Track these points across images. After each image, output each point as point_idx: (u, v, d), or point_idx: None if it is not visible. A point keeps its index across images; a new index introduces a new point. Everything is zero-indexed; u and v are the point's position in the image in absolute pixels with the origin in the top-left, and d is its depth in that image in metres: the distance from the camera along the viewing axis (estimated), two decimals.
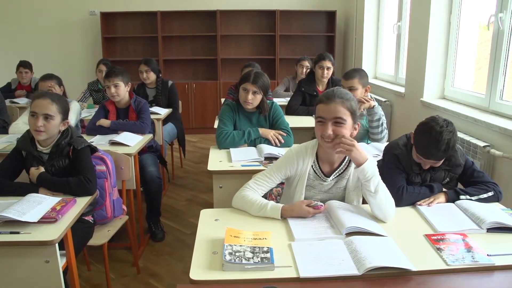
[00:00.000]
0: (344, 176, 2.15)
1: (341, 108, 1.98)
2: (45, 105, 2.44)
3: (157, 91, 4.91)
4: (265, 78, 3.17)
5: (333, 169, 2.15)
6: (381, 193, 1.95)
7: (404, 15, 5.44)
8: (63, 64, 7.52)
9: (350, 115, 2.00)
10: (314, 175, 2.16)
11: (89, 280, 3.12)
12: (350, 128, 2.03)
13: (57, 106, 2.46)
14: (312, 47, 7.50)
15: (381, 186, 1.96)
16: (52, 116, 2.43)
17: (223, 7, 7.43)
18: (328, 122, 1.99)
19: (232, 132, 3.12)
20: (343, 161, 2.14)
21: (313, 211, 1.94)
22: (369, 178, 1.95)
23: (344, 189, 2.16)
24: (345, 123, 1.99)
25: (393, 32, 5.84)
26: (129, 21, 7.69)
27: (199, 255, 1.65)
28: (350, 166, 2.13)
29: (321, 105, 2.03)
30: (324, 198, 2.15)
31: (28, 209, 2.04)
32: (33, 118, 2.43)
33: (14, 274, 1.97)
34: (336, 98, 1.99)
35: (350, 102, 2.01)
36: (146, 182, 3.57)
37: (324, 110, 2.01)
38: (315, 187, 2.17)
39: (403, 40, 5.51)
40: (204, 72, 7.85)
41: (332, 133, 1.98)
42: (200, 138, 7.34)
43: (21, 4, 7.59)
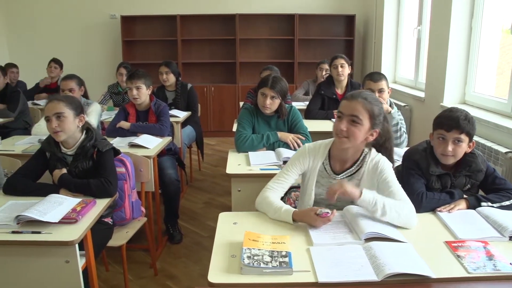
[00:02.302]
0: (356, 176, 2.14)
1: (360, 108, 2.00)
2: (53, 106, 2.49)
3: (176, 94, 4.94)
4: (283, 83, 3.16)
5: (344, 168, 2.15)
6: (392, 213, 1.90)
7: (424, 19, 5.39)
8: (84, 66, 7.60)
9: (368, 118, 2.00)
10: (324, 172, 2.17)
11: (107, 281, 3.15)
12: (366, 132, 2.02)
13: (65, 103, 2.50)
14: (331, 51, 7.40)
15: (388, 206, 1.90)
16: (62, 113, 2.46)
17: (242, 11, 7.45)
18: (345, 118, 2.01)
19: (251, 135, 3.12)
20: (356, 161, 2.14)
21: (321, 220, 1.88)
22: (372, 209, 1.91)
23: None
24: (360, 124, 1.99)
25: (412, 36, 5.79)
26: (149, 25, 7.76)
27: (218, 258, 1.66)
28: (362, 167, 2.12)
29: (344, 101, 2.07)
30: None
31: (49, 209, 2.07)
32: (48, 122, 2.48)
33: (35, 273, 2.00)
34: (359, 97, 2.02)
35: (372, 106, 2.01)
36: (165, 185, 3.59)
37: (345, 105, 2.04)
38: (324, 184, 2.17)
39: (423, 44, 5.46)
40: (223, 76, 7.87)
41: (345, 129, 2.00)
42: (218, 141, 7.36)
43: (44, 8, 7.73)
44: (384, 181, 2.04)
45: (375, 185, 2.07)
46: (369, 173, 2.10)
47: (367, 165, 2.11)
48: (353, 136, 2.01)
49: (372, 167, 2.09)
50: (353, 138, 2.02)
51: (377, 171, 2.07)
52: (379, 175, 2.06)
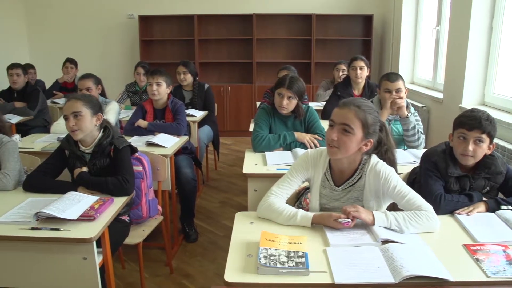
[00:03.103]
0: (357, 187, 2.08)
1: (352, 116, 1.93)
2: (71, 105, 2.51)
3: (193, 94, 4.96)
4: (301, 83, 3.15)
5: (344, 178, 2.10)
6: (410, 227, 1.86)
7: (444, 19, 5.34)
8: (102, 66, 7.70)
9: (360, 127, 1.94)
10: (326, 182, 2.13)
11: (123, 278, 3.18)
12: (358, 142, 1.96)
13: (82, 102, 2.52)
14: (348, 52, 7.40)
15: (404, 223, 1.86)
16: (79, 112, 2.48)
17: (260, 10, 7.45)
18: (336, 127, 1.95)
19: (267, 135, 3.12)
20: (356, 170, 2.08)
21: (341, 227, 1.87)
22: (392, 228, 1.87)
23: (359, 199, 2.08)
24: (352, 133, 1.93)
25: (431, 36, 5.74)
26: (166, 24, 7.81)
27: (234, 258, 1.66)
28: (362, 177, 2.06)
29: (336, 109, 2.00)
30: (338, 206, 2.09)
31: (68, 206, 2.09)
32: (66, 121, 2.50)
33: (53, 269, 2.02)
34: (351, 105, 1.94)
35: (365, 114, 1.94)
36: (181, 184, 3.61)
37: (336, 114, 1.98)
38: (327, 195, 2.13)
39: (441, 45, 5.41)
40: (240, 76, 7.89)
41: (335, 139, 1.93)
42: (234, 141, 7.37)
43: (63, 9, 7.85)
44: (395, 192, 1.97)
45: (380, 194, 2.03)
46: (371, 182, 2.03)
47: (367, 174, 2.04)
48: (344, 146, 1.94)
49: (374, 176, 2.02)
50: (343, 149, 1.95)
51: (381, 181, 2.00)
52: (385, 185, 2.00)
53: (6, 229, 1.98)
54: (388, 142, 2.10)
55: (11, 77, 5.08)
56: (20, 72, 5.11)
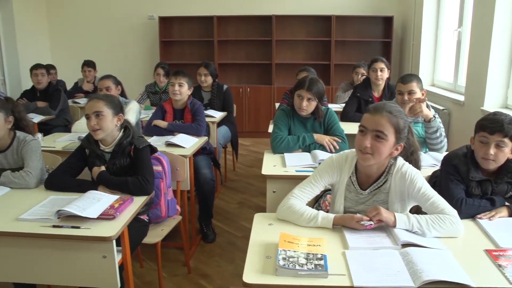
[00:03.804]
0: (383, 190, 2.06)
1: (386, 123, 1.90)
2: (93, 104, 2.54)
3: (212, 95, 4.98)
4: (320, 85, 3.14)
5: (370, 182, 2.08)
6: (432, 231, 1.84)
7: (466, 20, 5.27)
8: (122, 66, 7.78)
9: (393, 133, 1.92)
10: (351, 186, 2.11)
11: (141, 277, 3.20)
12: (391, 147, 1.94)
13: (104, 102, 2.54)
14: (368, 53, 7.33)
15: (426, 226, 1.84)
16: (101, 111, 2.50)
17: (279, 12, 7.45)
18: (369, 133, 1.92)
19: (287, 137, 3.11)
20: (382, 174, 2.06)
21: (363, 228, 1.86)
22: (414, 230, 1.85)
23: (384, 202, 2.05)
24: (385, 139, 1.91)
25: (452, 37, 5.67)
26: (186, 25, 7.86)
27: (253, 259, 1.66)
28: (388, 180, 2.04)
29: (367, 114, 1.97)
30: (362, 209, 2.07)
31: (88, 205, 2.12)
32: (88, 120, 2.53)
33: (73, 266, 2.04)
34: (384, 111, 1.92)
35: (397, 119, 1.92)
36: (200, 184, 3.62)
37: (368, 120, 1.95)
38: (352, 199, 2.11)
39: (463, 46, 5.34)
40: (259, 77, 7.89)
41: (369, 146, 1.91)
42: (253, 142, 7.38)
43: (85, 10, 7.96)
44: (420, 194, 1.95)
45: (405, 196, 2.01)
46: (397, 185, 2.01)
47: (393, 177, 2.02)
48: (378, 152, 1.92)
49: (400, 178, 2.01)
50: (377, 155, 1.93)
51: (407, 182, 1.98)
52: (410, 186, 1.98)
53: (29, 226, 2.01)
54: (414, 144, 2.09)
55: (35, 77, 5.16)
56: (44, 72, 5.20)
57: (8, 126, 2.65)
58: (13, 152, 2.67)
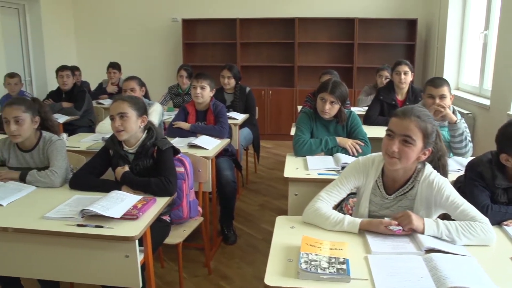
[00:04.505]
0: (408, 196, 2.03)
1: (414, 127, 1.88)
2: (117, 105, 2.56)
3: (234, 97, 4.99)
4: (343, 88, 3.12)
5: (397, 186, 2.05)
6: (462, 238, 1.80)
7: (492, 23, 5.18)
8: (146, 67, 7.86)
9: (421, 138, 1.89)
10: (377, 190, 2.09)
11: (162, 277, 3.22)
12: (418, 152, 1.91)
13: (129, 104, 2.57)
14: (391, 56, 7.24)
15: (456, 234, 1.80)
16: (125, 113, 2.53)
17: (302, 14, 7.44)
18: (396, 138, 1.90)
19: (309, 140, 3.10)
20: (409, 179, 2.03)
21: (391, 233, 1.84)
22: (443, 238, 1.81)
23: (409, 208, 2.02)
24: (413, 144, 1.88)
25: (478, 40, 5.58)
26: (209, 28, 7.91)
27: (274, 261, 1.65)
28: (415, 187, 2.01)
29: (394, 118, 1.94)
30: (387, 214, 2.04)
31: (112, 205, 2.14)
32: (112, 122, 2.56)
33: (96, 265, 2.06)
34: (412, 116, 1.89)
35: (426, 124, 1.90)
36: (222, 186, 3.63)
37: (396, 124, 1.92)
38: (378, 203, 2.09)
39: (489, 49, 5.25)
40: (281, 79, 7.89)
41: (397, 151, 1.89)
42: (274, 144, 7.37)
43: (110, 13, 8.10)
44: (448, 202, 1.92)
45: (431, 204, 1.98)
46: (424, 192, 1.98)
47: (420, 184, 1.99)
48: (405, 157, 1.90)
49: (427, 185, 1.97)
50: (404, 159, 1.91)
51: (434, 190, 1.95)
52: (438, 195, 1.94)
53: (54, 224, 2.05)
54: (441, 149, 2.06)
55: (61, 78, 5.25)
56: (69, 73, 5.28)
57: (35, 126, 2.70)
58: (39, 151, 2.72)
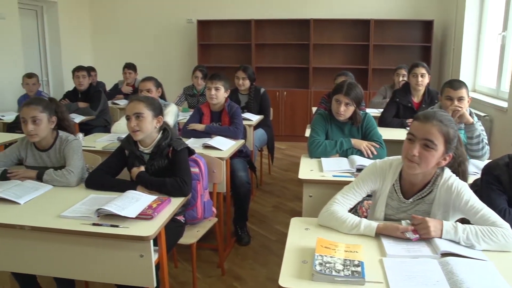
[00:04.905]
0: (426, 200, 2.01)
1: (436, 132, 1.85)
2: (133, 105, 2.58)
3: (249, 98, 5.00)
4: (359, 90, 3.10)
5: (414, 190, 2.03)
6: (482, 243, 1.77)
7: (511, 24, 5.12)
8: (162, 68, 7.90)
9: (443, 143, 1.87)
10: (394, 194, 2.07)
11: (176, 277, 3.23)
12: (439, 157, 1.89)
13: (145, 104, 2.58)
14: (406, 58, 7.18)
15: (475, 239, 1.77)
16: (141, 113, 2.54)
17: (317, 16, 7.42)
18: (417, 141, 1.87)
19: (324, 141, 3.09)
20: (427, 183, 2.00)
21: (407, 238, 1.82)
22: (461, 242, 1.79)
23: (426, 213, 2.00)
24: (434, 149, 1.86)
25: (496, 42, 5.52)
26: (224, 29, 7.93)
27: (289, 263, 1.65)
28: (433, 191, 1.99)
29: (416, 122, 1.92)
30: (404, 218, 2.01)
31: (127, 205, 2.16)
32: (128, 121, 2.58)
33: (111, 264, 2.08)
34: (434, 120, 1.87)
35: (448, 129, 1.87)
36: (236, 186, 3.63)
37: (417, 128, 1.90)
38: (394, 206, 2.07)
39: (507, 51, 5.19)
40: (296, 80, 7.87)
41: (417, 155, 1.86)
42: (288, 145, 7.36)
43: (126, 14, 8.17)
44: (467, 207, 1.88)
45: (449, 209, 1.95)
46: (442, 196, 1.95)
47: (438, 188, 1.97)
48: (425, 162, 1.88)
49: (446, 190, 1.95)
50: (424, 164, 1.88)
51: (453, 194, 1.92)
52: (457, 199, 1.91)
53: (70, 223, 2.07)
54: (462, 154, 2.03)
55: (77, 79, 5.30)
56: (85, 74, 5.33)
57: (52, 126, 2.73)
58: (56, 151, 2.75)
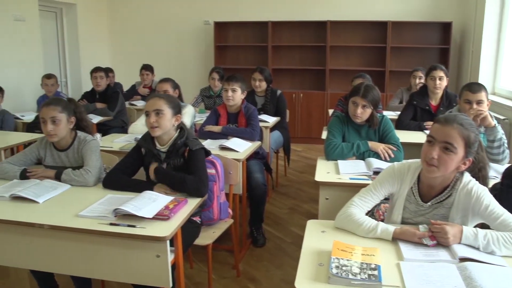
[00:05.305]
0: (445, 204, 1.98)
1: (456, 135, 1.83)
2: (154, 102, 2.60)
3: (265, 100, 4.99)
4: (376, 92, 3.08)
5: (433, 194, 2.00)
6: (505, 249, 1.74)
7: None
8: (178, 69, 7.95)
9: (463, 146, 1.84)
10: (412, 197, 2.05)
11: (191, 277, 3.24)
12: (458, 161, 1.86)
13: (165, 101, 2.61)
14: (424, 60, 7.13)
15: (501, 242, 1.74)
16: (161, 110, 2.56)
17: (334, 17, 7.39)
18: (437, 144, 1.86)
19: (340, 144, 3.07)
20: (446, 187, 1.97)
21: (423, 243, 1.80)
22: (481, 247, 1.76)
23: (444, 217, 1.97)
24: (454, 152, 1.83)
25: None
26: (240, 31, 7.96)
27: (305, 265, 1.65)
28: (452, 195, 1.96)
29: (436, 125, 1.90)
30: (421, 222, 1.99)
31: (144, 205, 2.17)
32: (147, 117, 2.60)
33: (128, 264, 2.09)
34: (455, 123, 1.85)
35: (469, 132, 1.85)
36: (252, 188, 3.63)
37: (437, 130, 1.88)
38: (412, 210, 2.05)
39: None
40: (312, 82, 7.85)
41: (436, 158, 1.84)
42: (304, 147, 7.34)
43: (143, 16, 8.25)
44: (487, 212, 1.86)
45: (468, 213, 1.92)
46: (461, 200, 1.93)
47: (457, 192, 1.94)
48: (444, 165, 1.86)
49: (465, 195, 1.92)
50: (443, 168, 1.86)
51: (473, 199, 1.90)
52: (476, 204, 1.89)
53: (87, 222, 2.09)
54: (483, 160, 2.00)
55: (94, 79, 5.36)
56: (103, 75, 5.39)
57: (70, 126, 2.76)
58: (74, 151, 2.78)
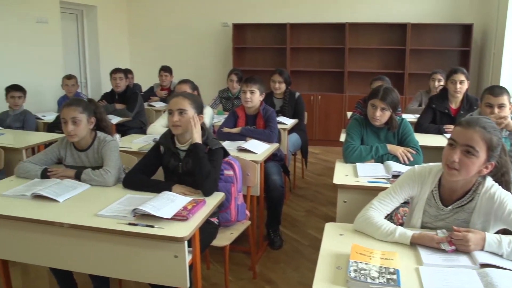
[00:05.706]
0: (466, 208, 1.95)
1: (478, 138, 1.80)
2: (178, 101, 2.62)
3: (284, 102, 4.99)
4: (395, 94, 3.06)
5: (454, 198, 1.97)
6: None
7: None
8: (197, 71, 7.98)
9: (485, 150, 1.81)
10: (432, 201, 2.02)
11: (208, 278, 3.25)
12: (480, 165, 1.83)
13: (189, 101, 2.63)
14: (444, 62, 7.03)
15: None
16: (185, 109, 2.59)
17: (352, 19, 7.36)
18: (458, 147, 1.82)
19: (359, 146, 3.06)
20: (468, 191, 1.94)
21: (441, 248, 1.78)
22: (505, 254, 1.72)
23: (465, 222, 1.94)
24: (476, 156, 1.80)
25: None
26: (259, 33, 7.97)
27: (323, 268, 1.64)
28: (474, 200, 1.93)
29: (458, 127, 1.87)
30: (441, 226, 1.96)
31: (163, 205, 2.18)
32: (170, 116, 2.62)
33: (146, 264, 2.10)
34: (477, 126, 1.81)
35: (491, 136, 1.81)
36: (269, 190, 3.63)
37: (459, 133, 1.84)
38: (432, 214, 2.02)
39: None
40: (330, 85, 7.82)
41: (457, 161, 1.81)
42: (322, 150, 7.32)
43: (162, 18, 8.32)
44: (510, 217, 1.82)
45: (490, 218, 1.89)
46: (483, 205, 1.89)
47: (480, 197, 1.91)
48: (466, 169, 1.82)
49: (487, 199, 1.89)
50: (464, 171, 1.83)
51: (495, 204, 1.86)
52: (499, 209, 1.85)
53: (106, 222, 2.11)
54: (506, 164, 1.96)
55: (114, 80, 5.42)
56: (122, 76, 5.45)
57: (90, 127, 2.79)
58: (94, 151, 2.81)
